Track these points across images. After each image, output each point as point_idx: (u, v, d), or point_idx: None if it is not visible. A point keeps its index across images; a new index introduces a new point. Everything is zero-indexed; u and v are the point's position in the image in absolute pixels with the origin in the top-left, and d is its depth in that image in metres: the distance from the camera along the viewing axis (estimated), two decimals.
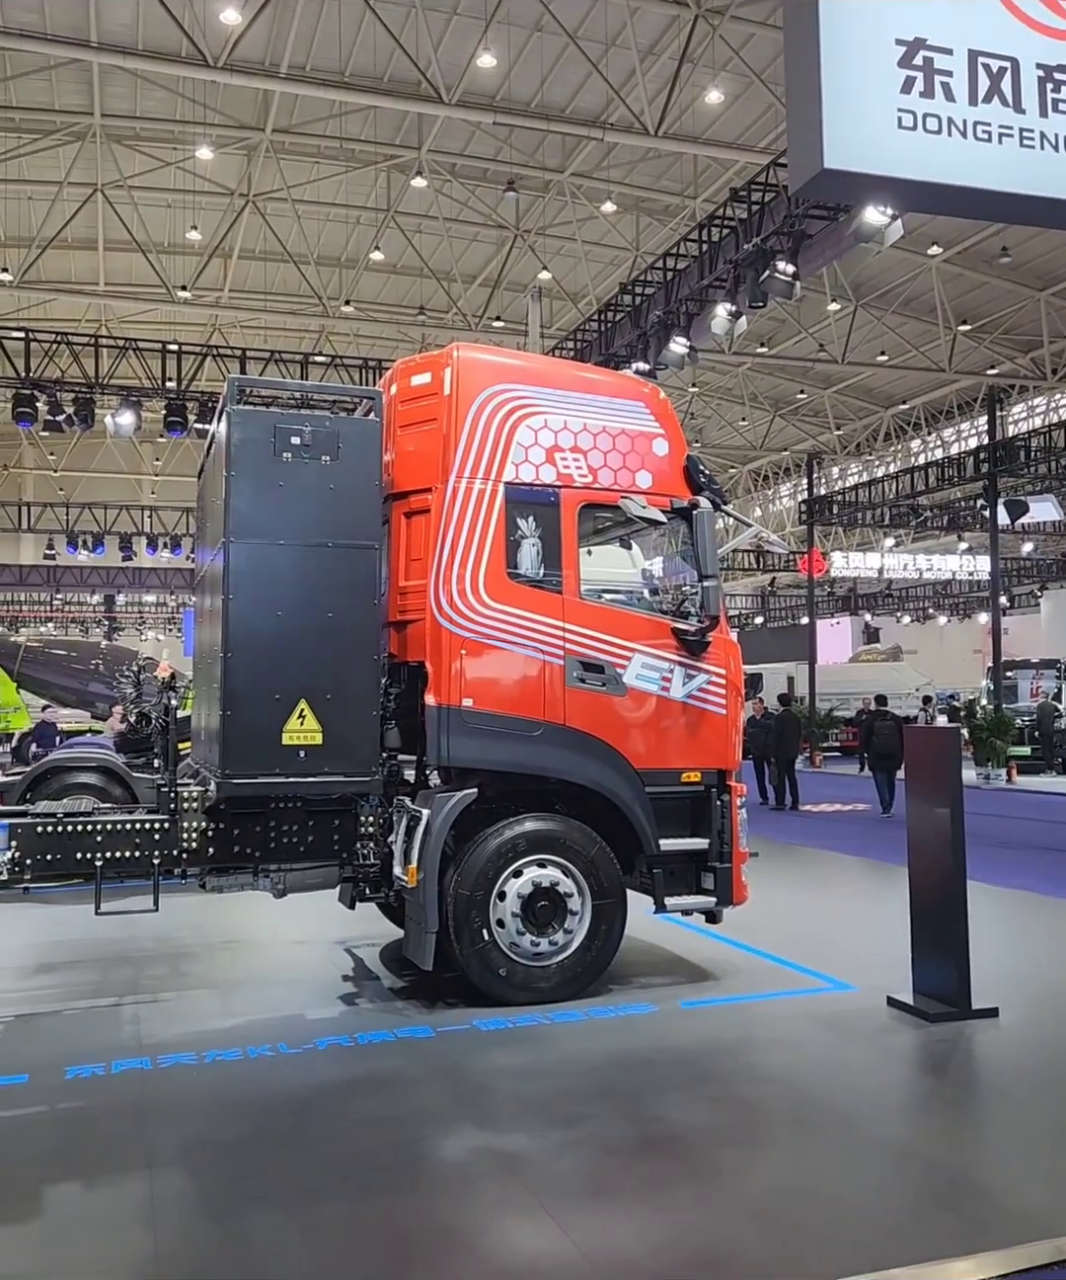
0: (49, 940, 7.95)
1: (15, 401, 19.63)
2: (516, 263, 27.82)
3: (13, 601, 41.84)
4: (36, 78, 20.54)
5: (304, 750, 6.04)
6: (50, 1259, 3.58)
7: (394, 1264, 3.49)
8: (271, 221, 25.09)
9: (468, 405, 6.46)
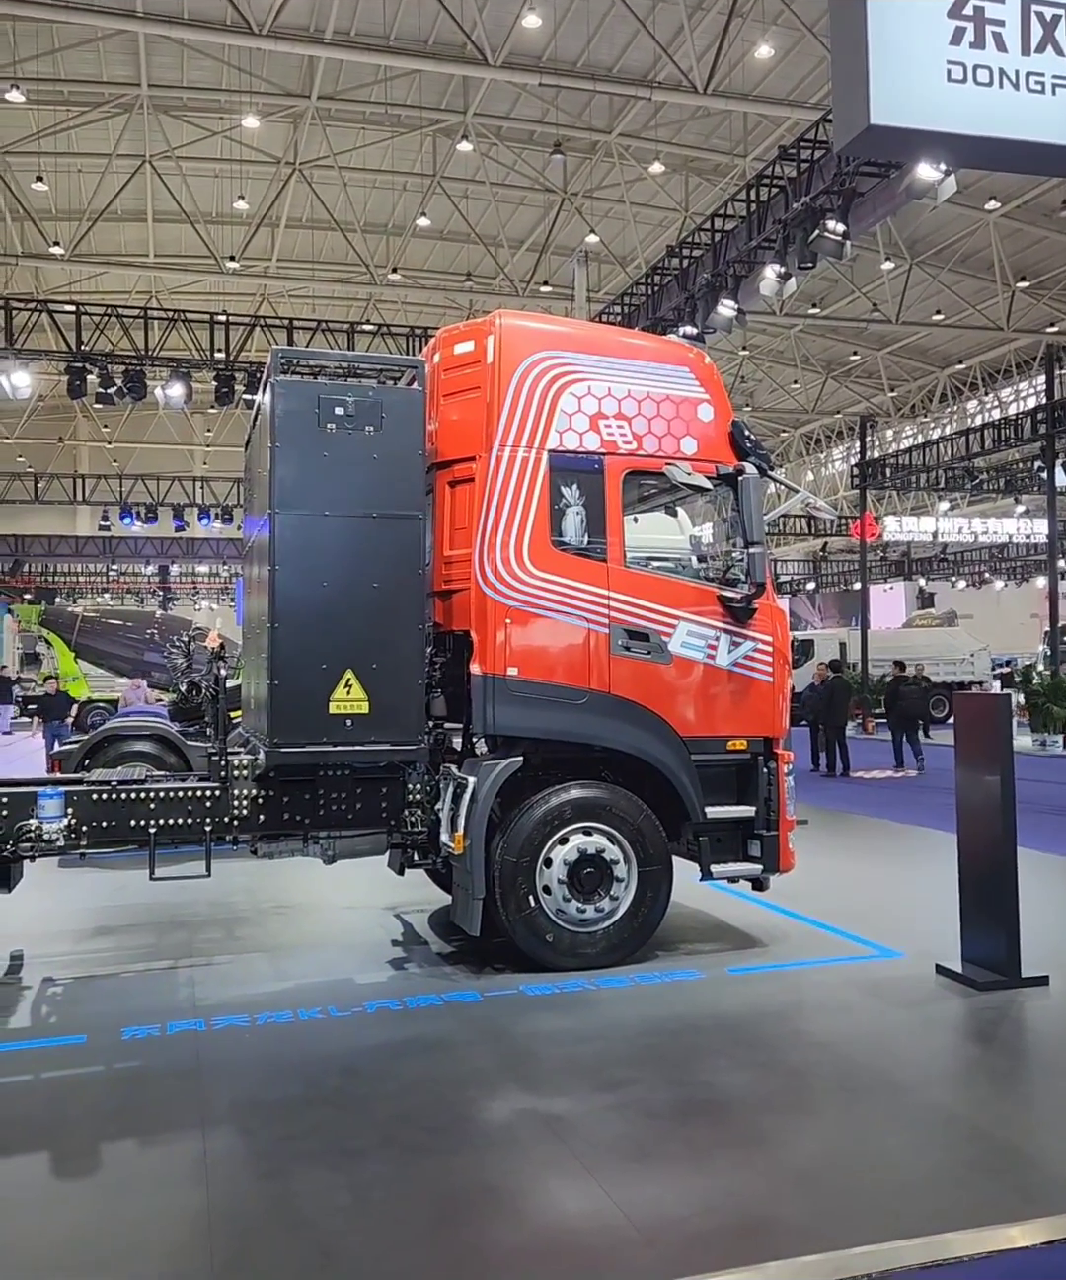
0: (106, 904, 8.16)
1: (68, 375, 19.84)
2: (563, 226, 27.49)
3: (69, 572, 42.58)
4: (84, 50, 20.58)
5: (351, 719, 6.09)
6: (108, 1213, 3.70)
7: (440, 1223, 3.56)
8: (318, 189, 25.00)
9: (511, 373, 6.42)
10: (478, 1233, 3.49)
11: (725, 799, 6.60)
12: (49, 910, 7.92)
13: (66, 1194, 3.89)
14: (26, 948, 6.94)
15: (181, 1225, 3.59)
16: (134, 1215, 3.66)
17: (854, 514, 31.56)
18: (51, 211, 25.51)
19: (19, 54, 20.31)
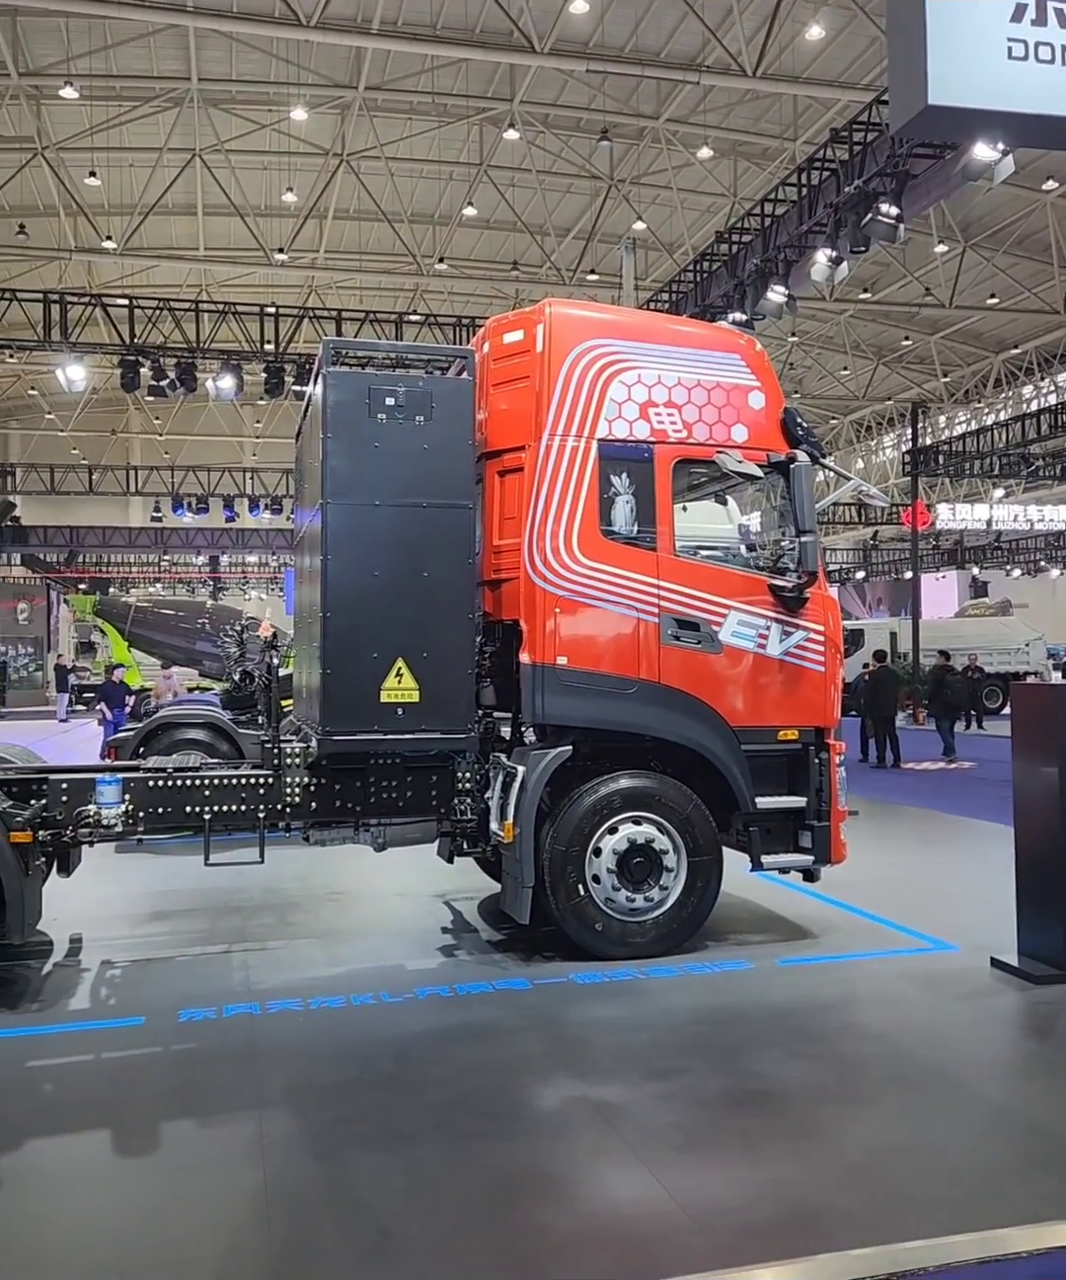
0: (162, 889, 8.29)
1: (121, 367, 20.10)
2: (610, 214, 27.32)
3: (122, 563, 43.18)
4: (135, 45, 20.76)
5: (401, 707, 6.13)
6: (168, 1191, 3.77)
7: (492, 1207, 3.59)
8: (365, 180, 25.06)
9: (560, 362, 6.41)
10: (531, 1217, 3.52)
11: (776, 789, 6.57)
12: (106, 894, 8.06)
13: (128, 1172, 3.98)
14: (85, 931, 7.07)
15: (240, 1204, 3.65)
16: (193, 1194, 3.73)
17: (905, 502, 31.12)
18: (104, 206, 25.81)
19: (72, 50, 20.55)
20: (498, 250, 30.00)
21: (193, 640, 25.89)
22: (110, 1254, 3.37)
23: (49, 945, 6.72)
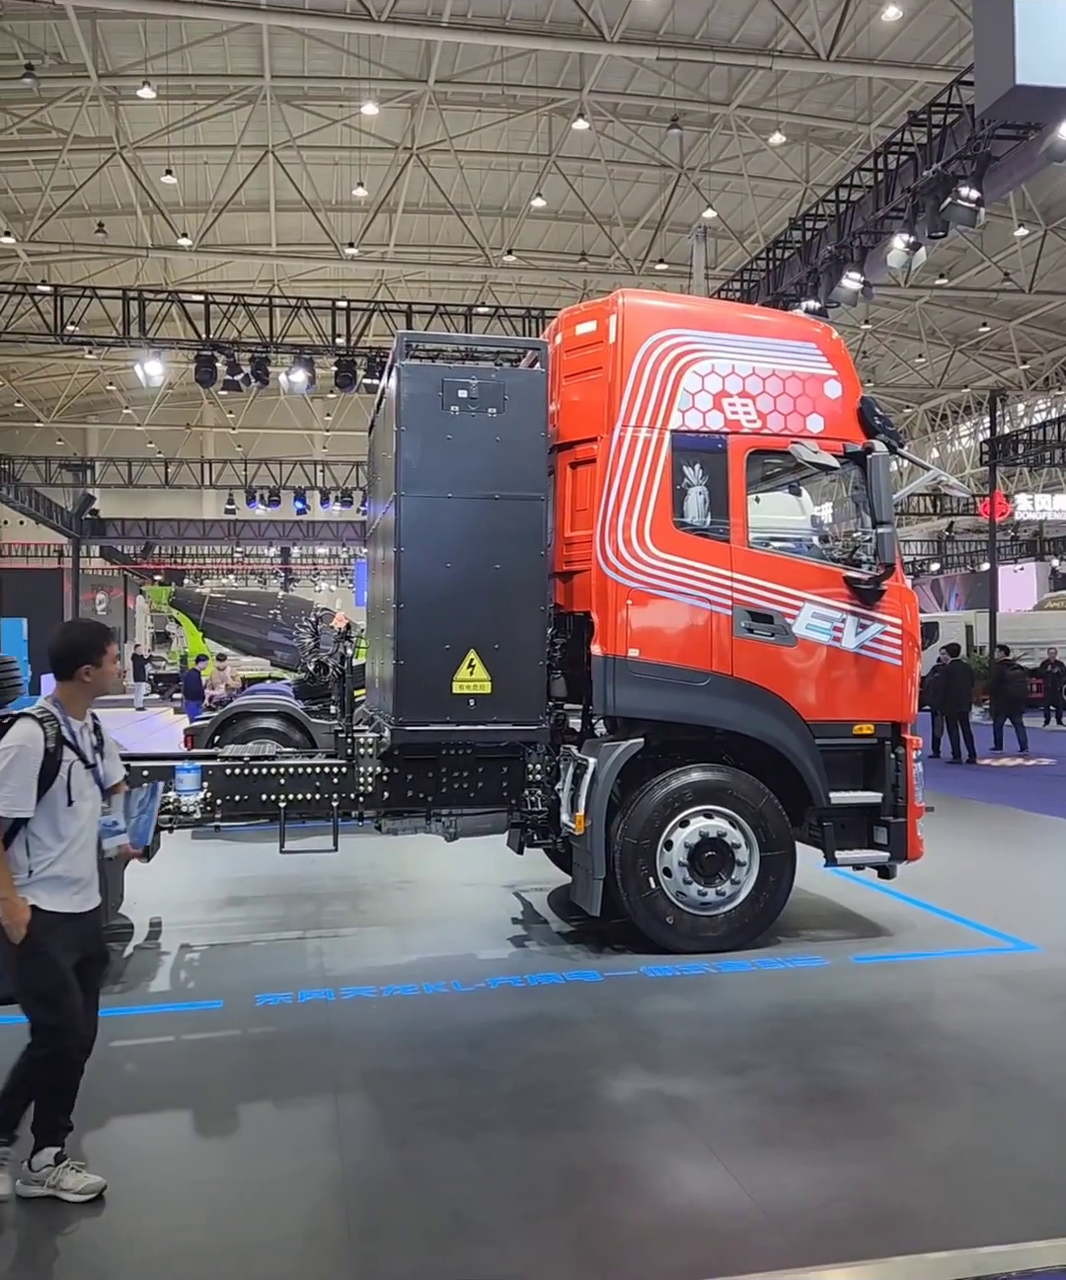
0: (238, 876, 8.44)
1: (197, 362, 20.43)
2: (680, 202, 27.06)
3: (197, 554, 43.98)
4: (210, 44, 21.02)
5: (473, 699, 6.16)
6: (248, 1172, 3.84)
7: (567, 1197, 3.60)
8: (434, 173, 25.11)
9: (633, 353, 6.37)
10: (604, 1209, 3.52)
11: (851, 784, 6.48)
12: (184, 880, 8.23)
13: (209, 1151, 4.06)
14: (164, 915, 7.23)
15: (316, 1186, 3.71)
16: (271, 1174, 3.80)
17: (983, 492, 30.44)
18: (179, 204, 26.21)
19: (149, 51, 20.88)
20: (566, 241, 29.88)
21: (264, 631, 26.30)
22: (194, 1233, 3.43)
23: (130, 928, 6.88)
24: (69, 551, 36.95)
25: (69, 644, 3.73)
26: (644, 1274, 3.17)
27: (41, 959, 3.49)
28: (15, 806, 3.46)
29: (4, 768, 3.45)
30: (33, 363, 35.67)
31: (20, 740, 3.50)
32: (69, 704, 3.70)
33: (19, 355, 33.63)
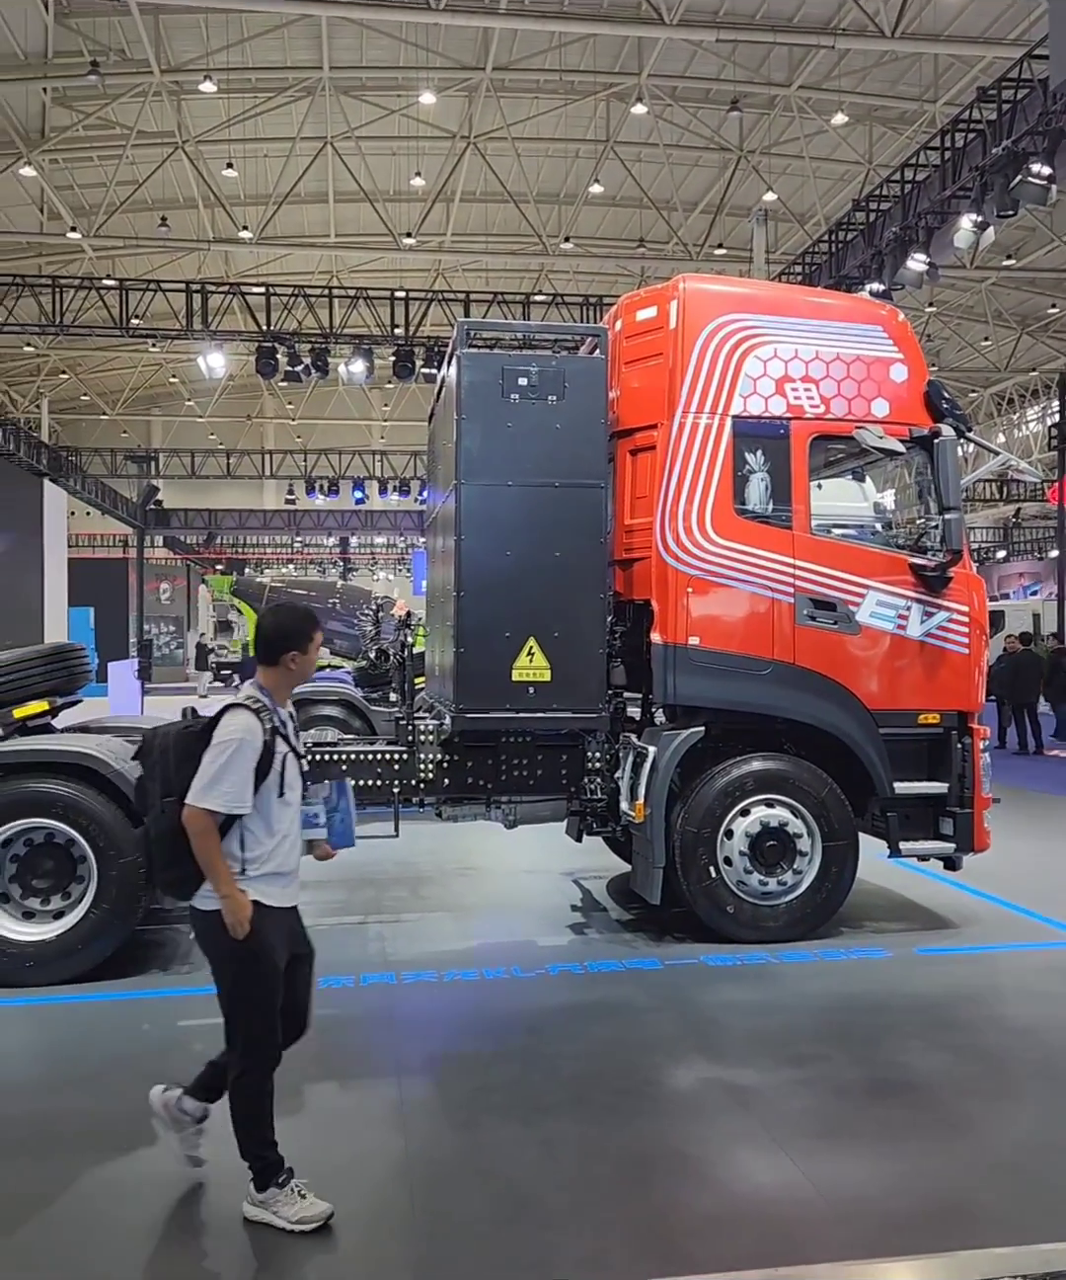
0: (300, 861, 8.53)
1: (258, 354, 20.64)
2: (739, 186, 26.71)
3: (257, 544, 44.51)
4: (270, 37, 21.14)
5: (533, 686, 6.17)
6: (316, 1150, 3.88)
7: (630, 1183, 3.61)
8: (491, 162, 25.06)
9: (694, 338, 6.32)
10: (667, 1196, 3.52)
11: (915, 774, 6.39)
12: None
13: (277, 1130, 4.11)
14: None
15: (382, 1165, 3.76)
16: (337, 1153, 3.85)
17: (1052, 478, 29.76)
18: (240, 197, 26.45)
19: (210, 45, 21.07)
20: (623, 228, 29.68)
21: (324, 619, 26.46)
22: None
23: None
24: (134, 542, 37.62)
25: (279, 629, 3.50)
26: (708, 1261, 3.16)
27: (261, 959, 3.36)
28: (237, 803, 3.27)
29: (224, 762, 3.25)
30: (98, 356, 36.27)
31: (239, 733, 3.30)
32: (275, 692, 3.49)
33: (85, 349, 34.24)
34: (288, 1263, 3.18)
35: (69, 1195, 3.56)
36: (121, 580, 35.23)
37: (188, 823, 3.25)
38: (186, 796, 3.25)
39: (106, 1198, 3.57)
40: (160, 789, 3.39)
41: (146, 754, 3.51)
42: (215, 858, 3.27)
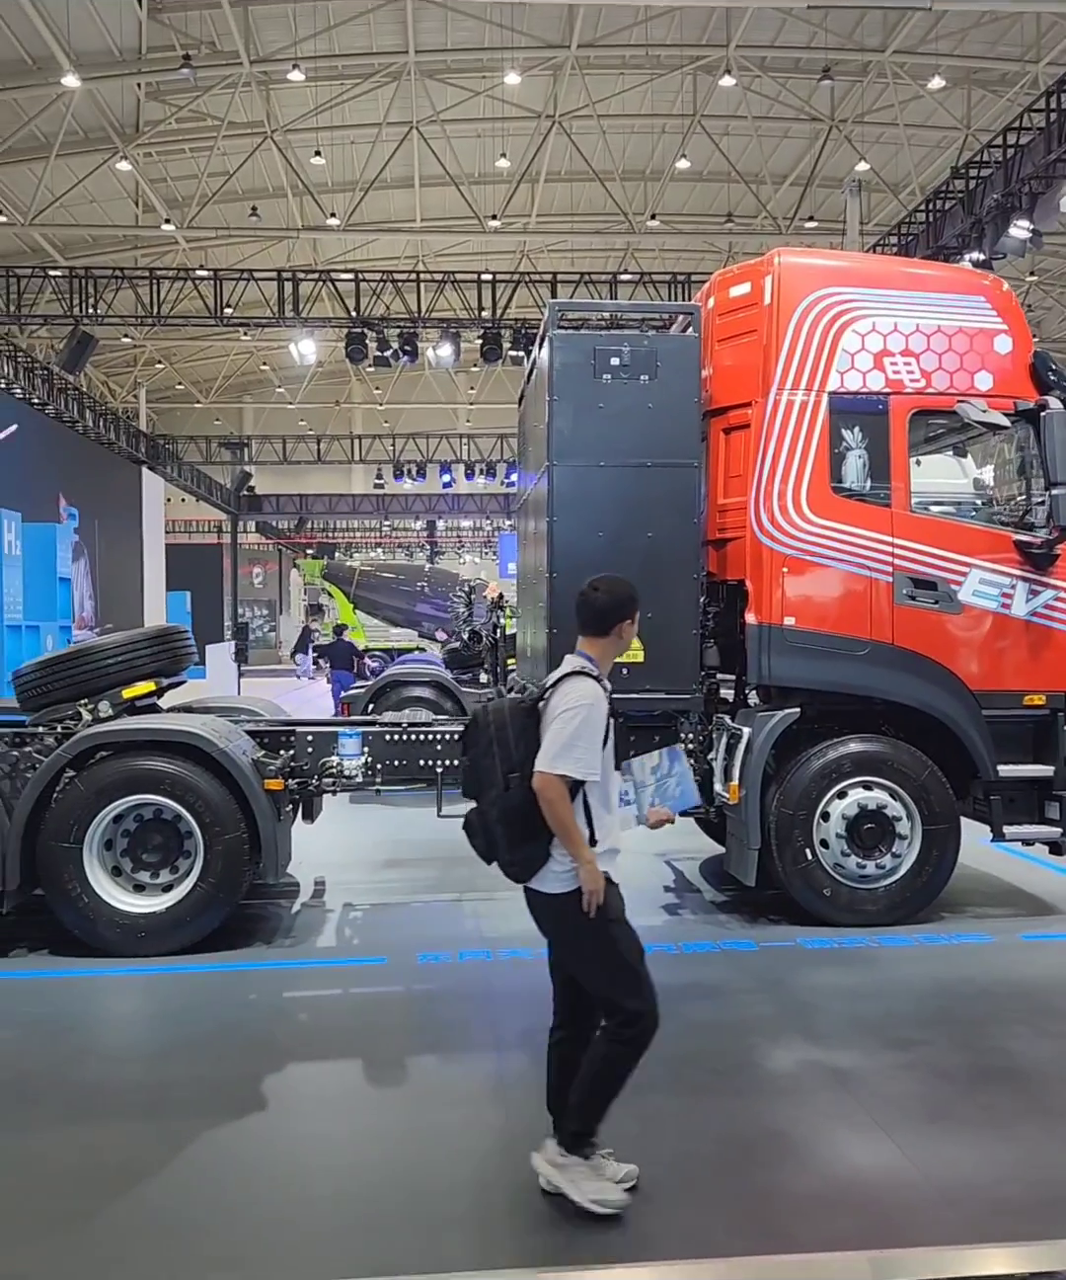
0: (393, 839, 8.69)
1: (348, 340, 20.86)
2: (830, 156, 26.07)
3: (346, 528, 45.12)
4: (356, 24, 21.26)
5: (626, 667, 6.15)
6: (418, 1120, 3.98)
7: (730, 1162, 3.61)
8: (576, 140, 24.88)
9: (789, 313, 6.21)
10: (770, 1176, 3.52)
11: (1020, 757, 6.24)
12: (343, 841, 8.52)
13: (381, 1098, 4.23)
14: (327, 875, 7.51)
15: (484, 1138, 3.82)
16: (440, 1124, 3.93)
17: None
18: (327, 184, 26.68)
19: (298, 34, 21.26)
20: (710, 203, 29.22)
21: (413, 602, 26.80)
22: (370, 1174, 3.59)
23: (296, 887, 7.17)
24: (227, 527, 38.44)
25: (614, 600, 3.43)
26: (811, 1242, 3.16)
27: (622, 925, 3.31)
28: (589, 769, 3.16)
29: (576, 728, 3.14)
30: (191, 346, 37.01)
31: (588, 699, 3.20)
32: (600, 662, 3.39)
33: (179, 339, 34.93)
34: (389, 1224, 3.25)
35: (179, 1158, 3.69)
36: (216, 565, 36.07)
37: (542, 790, 3.13)
38: (535, 766, 3.15)
39: (214, 1161, 3.69)
40: (502, 765, 3.24)
41: (479, 731, 3.34)
42: (573, 823, 3.16)
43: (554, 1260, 3.09)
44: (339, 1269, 3.03)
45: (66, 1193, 3.43)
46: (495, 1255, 3.12)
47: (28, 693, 6.43)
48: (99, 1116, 3.99)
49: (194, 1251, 3.10)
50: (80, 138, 22.96)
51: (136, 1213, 3.34)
